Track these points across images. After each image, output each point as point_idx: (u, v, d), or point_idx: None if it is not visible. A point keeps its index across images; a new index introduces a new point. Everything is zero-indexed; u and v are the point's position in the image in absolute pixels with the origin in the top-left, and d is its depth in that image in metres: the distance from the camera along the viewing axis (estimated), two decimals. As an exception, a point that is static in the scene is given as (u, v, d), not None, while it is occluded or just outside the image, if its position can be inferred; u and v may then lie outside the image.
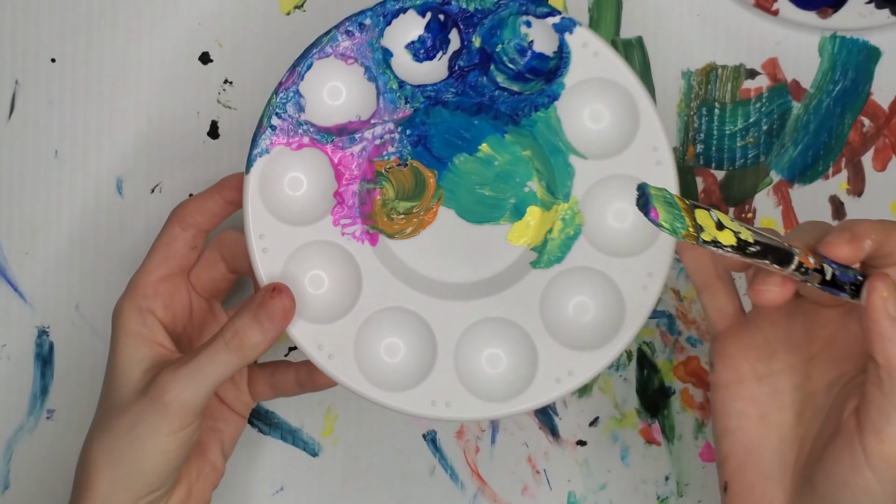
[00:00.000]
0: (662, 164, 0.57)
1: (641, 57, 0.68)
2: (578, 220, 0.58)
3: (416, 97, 0.58)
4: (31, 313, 0.68)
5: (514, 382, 0.57)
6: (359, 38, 0.57)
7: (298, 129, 0.57)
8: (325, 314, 0.57)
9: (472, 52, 0.58)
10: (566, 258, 0.57)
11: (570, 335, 0.57)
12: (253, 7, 0.68)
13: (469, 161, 0.59)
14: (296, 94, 0.57)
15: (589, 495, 0.69)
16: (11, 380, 0.68)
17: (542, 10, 0.57)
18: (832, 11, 0.66)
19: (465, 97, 0.58)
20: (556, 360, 0.56)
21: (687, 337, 0.69)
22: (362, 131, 0.58)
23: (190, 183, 0.68)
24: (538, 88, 0.58)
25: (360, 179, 0.58)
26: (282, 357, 0.68)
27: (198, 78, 0.68)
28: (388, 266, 0.58)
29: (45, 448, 0.68)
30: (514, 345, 0.57)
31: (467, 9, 0.57)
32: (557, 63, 0.57)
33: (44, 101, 0.68)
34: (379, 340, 0.57)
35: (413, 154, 0.59)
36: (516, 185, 0.59)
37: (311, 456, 0.69)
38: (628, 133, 0.57)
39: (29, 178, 0.68)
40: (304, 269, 0.57)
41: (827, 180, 0.69)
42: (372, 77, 0.58)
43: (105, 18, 0.68)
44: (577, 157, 0.58)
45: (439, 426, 0.69)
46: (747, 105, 0.68)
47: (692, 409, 0.69)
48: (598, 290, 0.57)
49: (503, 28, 0.58)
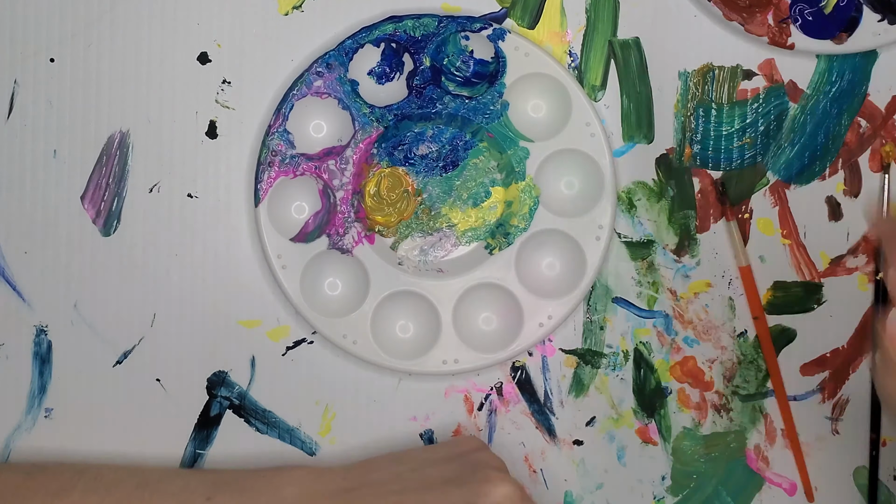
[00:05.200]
0: (595, 136, 0.67)
1: (638, 58, 0.68)
2: (535, 193, 0.68)
3: (385, 117, 0.68)
4: (30, 312, 0.68)
5: (507, 333, 0.68)
6: (328, 76, 0.67)
7: (292, 161, 0.67)
8: (343, 309, 0.67)
9: (424, 70, 0.67)
10: (531, 226, 0.68)
11: (544, 287, 0.68)
12: (251, 7, 0.68)
13: (438, 160, 0.69)
14: (284, 132, 0.67)
15: (586, 495, 0.69)
16: (9, 378, 0.68)
17: (476, 25, 0.67)
18: (847, 36, 0.67)
19: (426, 108, 0.68)
20: (536, 309, 0.67)
21: (684, 337, 0.69)
22: (345, 152, 0.67)
23: (188, 183, 0.68)
24: (484, 90, 0.67)
25: (353, 192, 0.67)
26: (279, 355, 0.68)
27: (196, 78, 0.68)
28: (387, 258, 0.68)
29: (42, 447, 0.68)
30: (502, 304, 0.68)
31: (414, 35, 0.67)
32: (496, 66, 0.67)
33: (43, 102, 0.68)
34: (393, 321, 0.68)
35: (390, 162, 0.68)
36: (480, 173, 0.69)
37: (308, 455, 0.69)
38: (564, 114, 0.67)
39: (28, 177, 0.68)
40: (320, 278, 0.67)
41: (824, 181, 0.69)
42: (345, 106, 0.67)
43: (104, 19, 0.68)
44: (525, 141, 0.68)
45: (438, 426, 0.69)
46: (744, 106, 0.68)
47: (688, 409, 0.69)
48: (561, 247, 0.68)
49: (446, 45, 0.68)
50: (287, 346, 0.68)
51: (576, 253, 0.67)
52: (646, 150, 0.68)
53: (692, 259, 0.69)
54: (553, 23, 0.68)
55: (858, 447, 0.69)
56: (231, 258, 0.68)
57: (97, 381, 0.69)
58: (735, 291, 0.69)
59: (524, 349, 0.68)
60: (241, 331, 0.68)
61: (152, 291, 0.68)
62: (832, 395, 0.69)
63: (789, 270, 0.69)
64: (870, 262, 0.69)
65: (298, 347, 0.69)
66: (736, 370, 0.69)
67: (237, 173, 0.68)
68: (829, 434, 0.69)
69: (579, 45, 0.68)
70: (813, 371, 0.69)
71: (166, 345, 0.68)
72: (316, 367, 0.69)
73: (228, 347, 0.68)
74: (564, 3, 0.68)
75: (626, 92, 0.68)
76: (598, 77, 0.68)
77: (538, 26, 0.68)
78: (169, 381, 0.69)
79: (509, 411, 0.69)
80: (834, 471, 0.69)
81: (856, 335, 0.69)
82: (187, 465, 0.69)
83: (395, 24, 0.67)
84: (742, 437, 0.69)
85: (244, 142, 0.68)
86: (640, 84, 0.68)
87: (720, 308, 0.69)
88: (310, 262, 0.67)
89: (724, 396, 0.69)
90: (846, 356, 0.69)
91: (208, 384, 0.69)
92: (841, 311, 0.69)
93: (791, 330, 0.69)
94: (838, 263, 0.69)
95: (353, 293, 0.68)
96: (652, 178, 0.68)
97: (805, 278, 0.69)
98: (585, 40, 0.68)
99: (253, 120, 0.68)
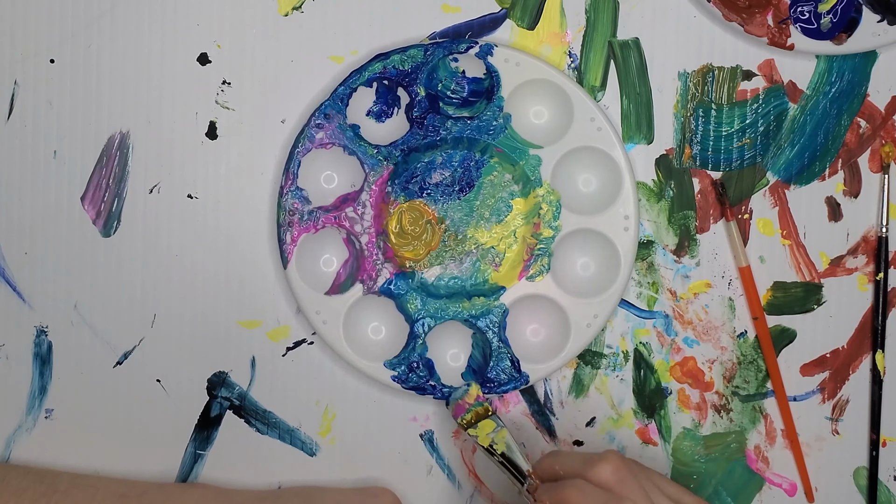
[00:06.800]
0: (602, 130, 0.67)
1: (638, 58, 0.68)
2: (555, 197, 0.67)
3: (393, 154, 0.67)
4: (30, 313, 0.69)
5: (557, 340, 0.67)
6: (328, 126, 0.67)
7: (311, 217, 0.67)
8: (390, 351, 0.67)
9: (420, 101, 0.67)
10: (558, 230, 0.68)
11: (583, 288, 0.68)
12: (251, 8, 0.68)
13: (453, 185, 0.69)
14: (297, 190, 0.67)
15: (585, 495, 0.69)
16: (10, 379, 0.69)
17: (462, 46, 0.67)
18: (846, 37, 0.67)
19: (431, 137, 0.67)
20: (580, 311, 0.67)
21: (683, 338, 0.69)
22: (360, 196, 0.67)
23: (188, 183, 0.68)
24: (483, 107, 0.67)
25: (377, 234, 0.67)
26: (280, 356, 0.68)
27: (196, 78, 0.68)
28: (426, 290, 0.68)
29: (43, 447, 0.68)
30: (547, 313, 0.68)
31: (403, 68, 0.67)
32: (490, 82, 0.67)
33: (43, 102, 0.68)
34: (443, 352, 0.68)
35: (407, 196, 0.68)
36: (497, 188, 0.69)
37: (308, 455, 0.69)
38: (567, 115, 0.67)
39: (28, 178, 0.68)
40: (364, 325, 0.68)
41: (823, 181, 0.69)
42: (351, 152, 0.67)
43: (104, 19, 0.68)
44: (535, 149, 0.67)
45: (437, 426, 0.69)
46: (744, 106, 0.68)
47: (688, 410, 0.69)
48: (592, 244, 0.67)
49: (437, 71, 0.68)
50: (287, 347, 0.69)
51: (607, 248, 0.67)
52: (645, 150, 0.68)
53: (692, 259, 0.69)
54: (553, 23, 0.68)
55: (858, 447, 0.69)
56: (231, 258, 0.68)
57: (97, 381, 0.69)
58: (735, 292, 0.69)
59: (576, 352, 0.67)
60: (241, 331, 0.68)
61: (152, 292, 0.68)
62: (832, 396, 0.69)
63: (789, 271, 0.69)
64: (870, 262, 0.69)
65: (299, 348, 0.69)
66: (736, 370, 0.69)
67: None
68: (829, 434, 0.69)
69: (579, 46, 0.68)
70: (813, 371, 0.69)
71: (166, 345, 0.68)
72: (316, 367, 0.69)
73: (228, 348, 0.68)
74: (564, 4, 0.68)
75: (626, 92, 0.68)
76: (598, 78, 0.68)
77: (538, 27, 0.68)
78: (169, 381, 0.69)
79: (509, 412, 0.69)
80: (834, 471, 0.69)
81: (856, 335, 0.69)
82: (187, 465, 0.69)
83: (382, 62, 0.67)
84: (742, 438, 0.69)
85: (244, 143, 0.68)
86: (639, 85, 0.68)
87: (720, 308, 0.69)
88: (348, 312, 0.67)
89: (724, 397, 0.69)
90: (846, 356, 0.69)
91: (208, 385, 0.69)
92: (841, 312, 0.69)
93: (791, 330, 0.69)
94: (838, 264, 0.69)
95: (397, 333, 0.68)
96: (652, 178, 0.68)
97: (805, 279, 0.69)
98: (585, 41, 0.68)
99: (253, 121, 0.68)
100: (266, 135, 0.68)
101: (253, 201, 0.68)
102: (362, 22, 0.68)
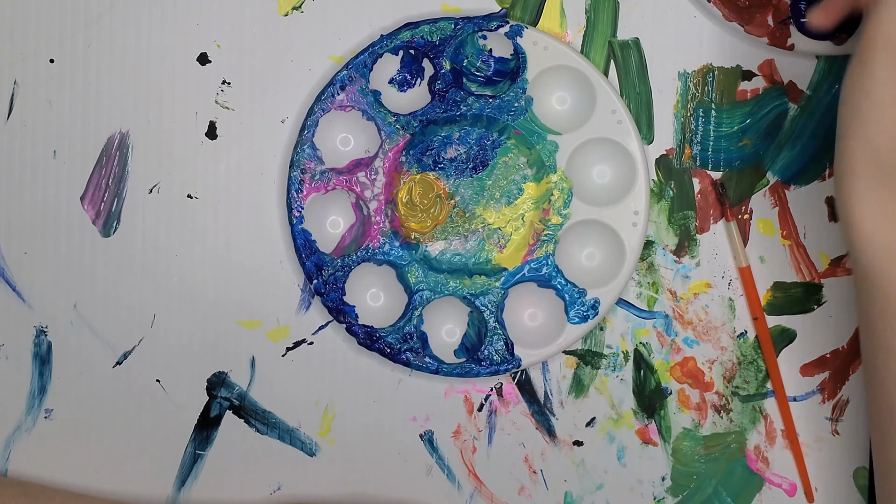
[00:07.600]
0: (623, 123, 0.67)
1: (638, 58, 0.68)
2: (568, 185, 0.68)
3: (411, 124, 0.67)
4: (30, 313, 0.68)
5: (554, 327, 0.68)
6: (350, 88, 0.67)
7: (323, 177, 0.67)
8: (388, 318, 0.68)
9: (445, 74, 0.67)
10: (567, 218, 0.68)
11: (585, 277, 0.68)
12: (251, 8, 0.68)
13: (467, 162, 0.69)
14: (311, 147, 0.67)
15: (585, 495, 0.69)
16: (9, 379, 0.69)
17: (493, 23, 0.67)
18: (847, 37, 0.67)
19: (450, 112, 0.67)
20: (581, 300, 0.67)
21: (683, 338, 0.69)
22: (374, 162, 0.67)
23: (188, 183, 0.68)
24: (507, 88, 0.67)
25: (385, 202, 0.67)
26: (279, 356, 0.68)
27: (196, 78, 0.68)
28: (429, 263, 0.68)
29: (42, 447, 0.68)
30: (547, 298, 0.68)
31: (432, 40, 0.67)
32: (517, 63, 0.67)
33: (42, 102, 0.68)
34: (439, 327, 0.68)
35: (420, 168, 0.68)
36: (510, 170, 0.69)
37: (308, 456, 0.69)
38: (589, 104, 0.67)
39: (28, 178, 0.68)
40: (363, 291, 0.68)
41: (823, 182, 0.69)
42: (370, 117, 0.67)
43: (104, 19, 0.68)
44: (553, 134, 0.67)
45: (438, 427, 0.69)
46: (744, 107, 0.68)
47: (688, 410, 0.69)
48: (599, 236, 0.68)
49: (465, 46, 0.68)
50: (287, 347, 0.69)
51: (614, 242, 0.67)
52: (646, 150, 0.68)
53: (692, 260, 0.69)
54: (553, 23, 0.68)
55: (858, 447, 0.69)
56: (231, 258, 0.68)
57: (97, 381, 0.69)
58: (735, 292, 0.69)
59: (571, 342, 0.68)
60: (241, 331, 0.68)
61: (152, 292, 0.68)
62: (832, 396, 0.69)
63: (789, 271, 0.69)
64: (869, 262, 0.69)
65: (298, 348, 0.69)
66: (736, 371, 0.69)
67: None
68: (829, 435, 0.69)
69: (579, 46, 0.68)
70: (813, 372, 0.69)
71: (166, 345, 0.68)
72: (316, 367, 0.69)
73: (228, 348, 0.69)
74: (564, 4, 0.68)
75: (626, 92, 0.68)
76: (598, 78, 0.68)
77: (538, 27, 0.68)
78: (169, 381, 0.69)
79: (509, 412, 0.69)
80: (834, 471, 0.69)
81: (856, 335, 0.69)
82: (187, 465, 0.69)
83: (411, 30, 0.67)
84: (742, 438, 0.69)
85: (244, 143, 0.68)
86: (639, 85, 0.68)
87: (720, 308, 0.69)
88: (353, 275, 0.68)
89: (723, 397, 0.69)
90: (846, 357, 0.69)
91: (208, 385, 0.69)
92: (841, 312, 0.69)
93: (791, 330, 0.69)
94: (838, 264, 0.69)
95: (396, 303, 0.68)
96: (652, 178, 0.68)
97: (805, 279, 0.69)
98: (585, 41, 0.68)
99: (253, 121, 0.68)
100: (266, 135, 0.68)
101: (253, 201, 0.68)
102: (362, 22, 0.68)
